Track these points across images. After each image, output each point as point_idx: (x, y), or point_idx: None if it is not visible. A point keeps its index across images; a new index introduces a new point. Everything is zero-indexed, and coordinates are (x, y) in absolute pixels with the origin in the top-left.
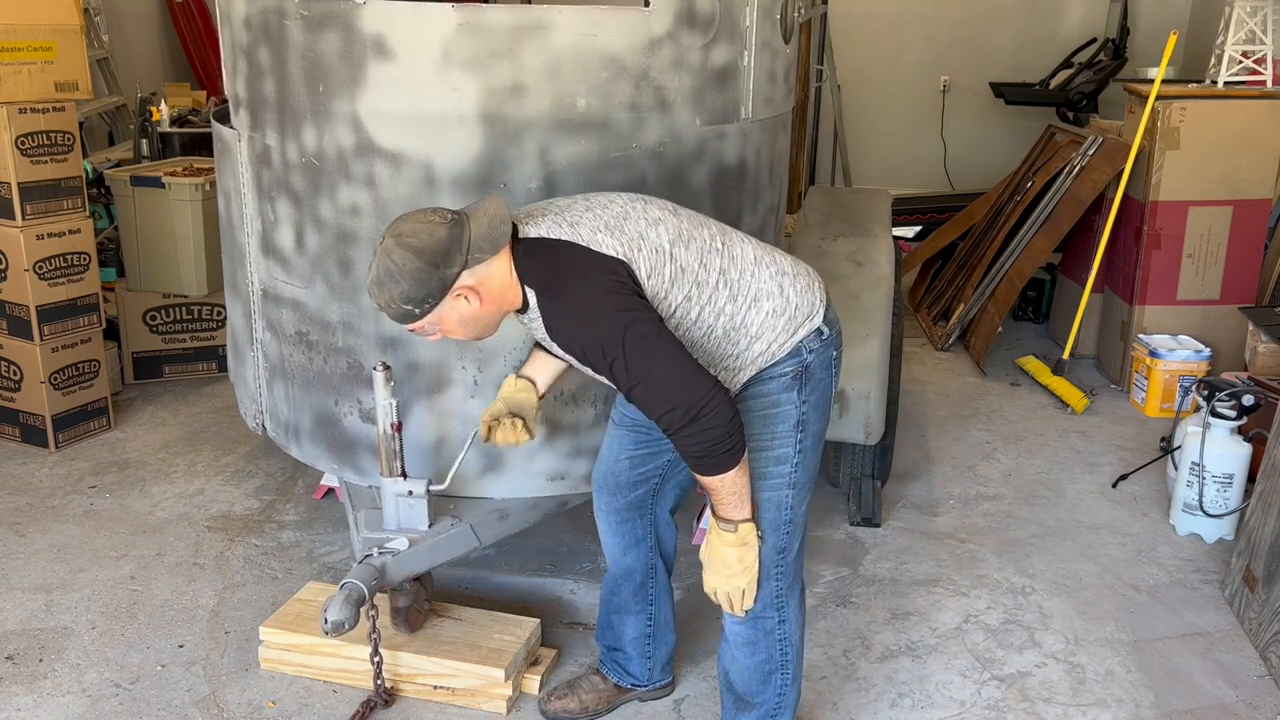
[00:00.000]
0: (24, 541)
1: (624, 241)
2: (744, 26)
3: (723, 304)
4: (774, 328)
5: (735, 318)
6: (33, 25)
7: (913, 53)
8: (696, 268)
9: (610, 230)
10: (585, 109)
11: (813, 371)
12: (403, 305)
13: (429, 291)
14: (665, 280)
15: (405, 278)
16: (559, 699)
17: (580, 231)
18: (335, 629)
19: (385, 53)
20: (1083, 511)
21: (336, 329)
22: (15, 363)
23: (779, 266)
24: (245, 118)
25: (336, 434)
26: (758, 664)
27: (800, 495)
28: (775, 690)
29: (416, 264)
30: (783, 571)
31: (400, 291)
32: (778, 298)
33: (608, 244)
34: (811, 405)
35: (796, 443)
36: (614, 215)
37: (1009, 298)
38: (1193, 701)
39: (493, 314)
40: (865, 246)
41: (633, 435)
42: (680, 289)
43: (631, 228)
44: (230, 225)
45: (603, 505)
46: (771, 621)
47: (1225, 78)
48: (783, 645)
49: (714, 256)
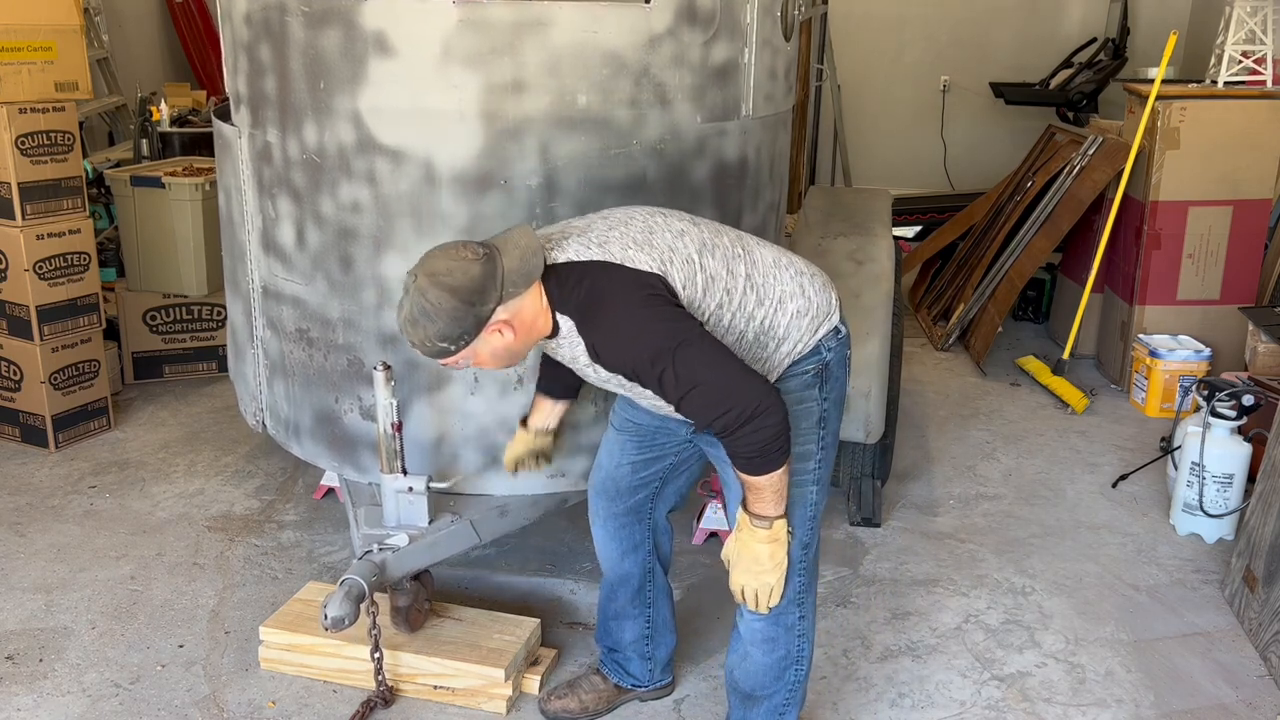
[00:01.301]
0: (24, 541)
1: (655, 256)
2: (744, 23)
3: (751, 309)
4: (799, 328)
5: (765, 321)
6: (33, 25)
7: (913, 53)
8: (725, 275)
9: (640, 246)
10: (586, 106)
11: (832, 369)
12: (438, 343)
13: (464, 329)
14: (699, 290)
15: (441, 317)
16: (559, 699)
17: (611, 249)
18: (335, 625)
19: (386, 49)
20: (1083, 511)
21: (337, 326)
22: (15, 363)
23: (797, 268)
24: (246, 114)
25: (336, 431)
26: (775, 660)
27: (823, 492)
28: (788, 685)
29: (452, 303)
30: (805, 567)
31: (436, 330)
32: (800, 298)
33: (641, 260)
34: (832, 403)
35: (819, 439)
36: (639, 230)
37: (1009, 298)
38: (1193, 701)
39: (524, 344)
40: (865, 245)
41: (634, 441)
42: (712, 297)
43: (660, 241)
44: (231, 222)
45: (600, 511)
46: (793, 617)
47: (1225, 78)
48: (800, 641)
49: (738, 263)
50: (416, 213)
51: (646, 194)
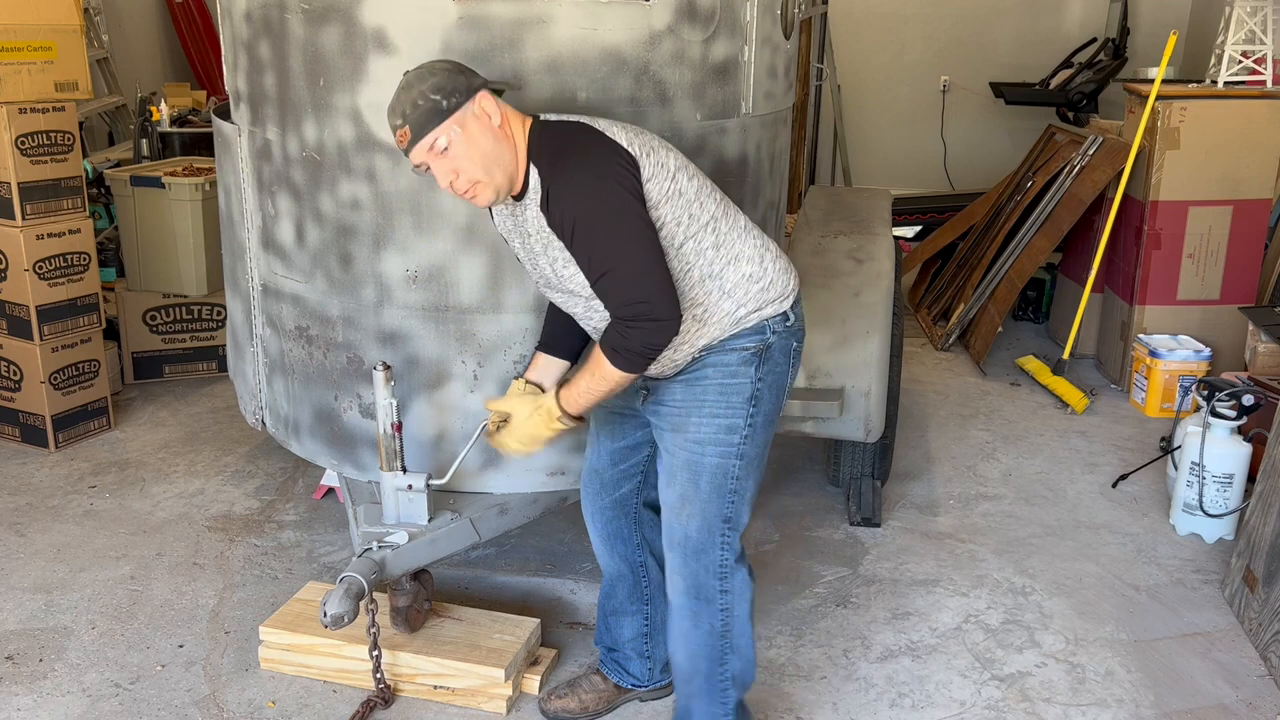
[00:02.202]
0: (24, 541)
1: (636, 144)
2: (744, 21)
3: (706, 247)
4: (746, 291)
5: (714, 265)
6: (33, 25)
7: (913, 52)
8: (692, 198)
9: (625, 130)
10: (585, 102)
11: (773, 353)
12: (431, 96)
13: (456, 86)
14: (662, 192)
15: (436, 73)
16: (559, 699)
17: (598, 122)
18: (335, 622)
19: (386, 46)
20: (1083, 511)
21: (336, 323)
22: (15, 363)
23: (765, 243)
24: (246, 112)
25: (336, 429)
26: (702, 636)
27: (747, 468)
28: (717, 660)
29: (445, 65)
30: (727, 542)
31: (432, 84)
32: (756, 264)
33: (621, 136)
34: (766, 385)
35: (748, 416)
36: (633, 129)
37: (1009, 298)
38: (1193, 701)
39: (507, 159)
40: (866, 244)
41: (609, 429)
42: (673, 209)
43: (646, 140)
44: (230, 221)
45: (588, 506)
46: (714, 590)
47: (1225, 78)
48: (725, 616)
49: (710, 203)
50: (416, 210)
51: None
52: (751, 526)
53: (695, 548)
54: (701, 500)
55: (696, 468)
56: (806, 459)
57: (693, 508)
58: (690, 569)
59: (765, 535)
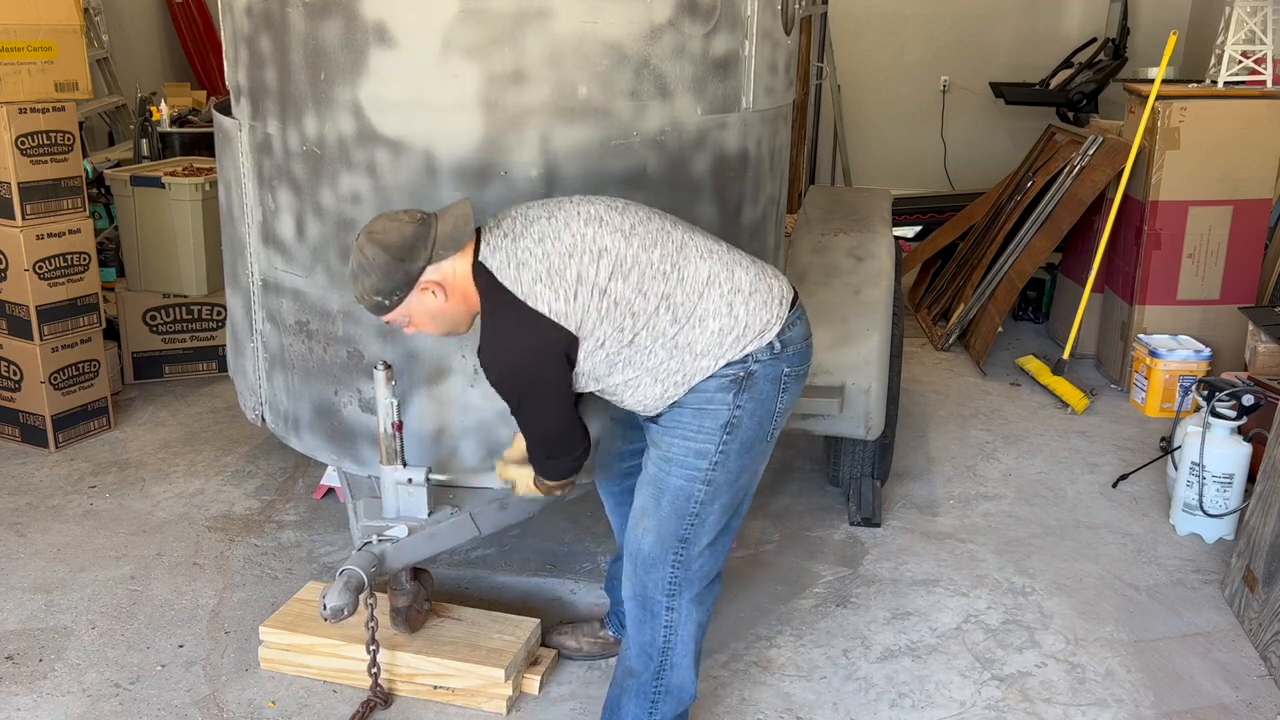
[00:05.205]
0: (24, 541)
1: (560, 291)
2: (745, 16)
3: (663, 327)
4: (720, 344)
5: (678, 338)
6: (33, 25)
7: (913, 52)
8: (633, 297)
9: (550, 279)
10: (586, 96)
11: (755, 380)
12: (373, 297)
13: (396, 284)
14: (595, 316)
15: (375, 271)
16: (561, 634)
17: (523, 277)
18: (334, 615)
19: (386, 40)
20: (1083, 511)
21: (336, 318)
22: (15, 363)
23: (734, 284)
24: (246, 107)
25: (336, 424)
26: (644, 641)
27: (713, 494)
28: (654, 671)
29: (384, 258)
30: (680, 561)
31: (371, 284)
32: (725, 317)
33: (544, 296)
34: (746, 412)
35: (720, 442)
36: (561, 253)
37: (1009, 298)
38: (1193, 701)
39: (460, 312)
40: (866, 242)
41: (622, 430)
42: (611, 322)
43: (572, 272)
44: (231, 216)
45: (601, 483)
46: (660, 606)
47: (1225, 78)
48: (667, 632)
49: (656, 282)
50: (417, 203)
51: (646, 186)
52: (751, 526)
53: (646, 561)
54: (660, 517)
55: (661, 485)
56: (806, 459)
57: (649, 522)
58: (639, 579)
59: (765, 535)
